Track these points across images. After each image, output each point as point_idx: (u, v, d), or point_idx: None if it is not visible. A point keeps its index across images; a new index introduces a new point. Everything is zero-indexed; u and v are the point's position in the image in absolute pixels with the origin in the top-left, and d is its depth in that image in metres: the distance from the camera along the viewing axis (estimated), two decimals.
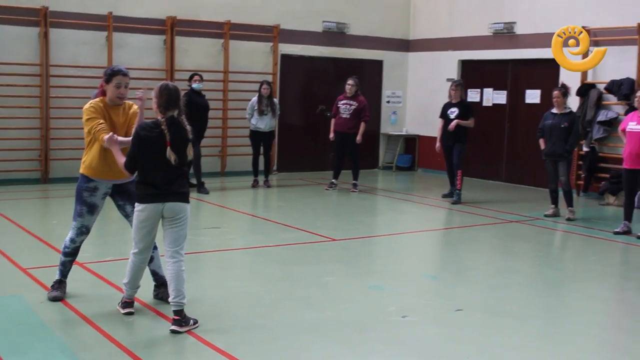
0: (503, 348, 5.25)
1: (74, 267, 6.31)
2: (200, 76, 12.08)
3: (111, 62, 12.65)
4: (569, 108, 10.61)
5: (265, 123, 12.63)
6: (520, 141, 14.31)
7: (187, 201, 5.47)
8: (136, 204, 5.44)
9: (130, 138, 5.54)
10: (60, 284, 6.09)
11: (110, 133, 5.58)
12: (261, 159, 12.96)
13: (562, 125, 10.28)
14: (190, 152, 5.46)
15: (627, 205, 9.52)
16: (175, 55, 13.36)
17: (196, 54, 13.70)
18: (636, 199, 10.05)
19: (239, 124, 13.92)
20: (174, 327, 5.32)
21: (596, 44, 12.70)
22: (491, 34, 14.52)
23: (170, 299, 5.40)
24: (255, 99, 12.67)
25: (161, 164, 5.32)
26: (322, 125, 15.26)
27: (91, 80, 12.55)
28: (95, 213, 5.96)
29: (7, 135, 12.17)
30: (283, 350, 5.06)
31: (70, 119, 12.46)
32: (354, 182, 12.78)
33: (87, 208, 5.88)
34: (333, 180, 12.88)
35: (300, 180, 14.11)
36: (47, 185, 12.35)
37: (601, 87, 12.55)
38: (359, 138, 12.54)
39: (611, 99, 12.50)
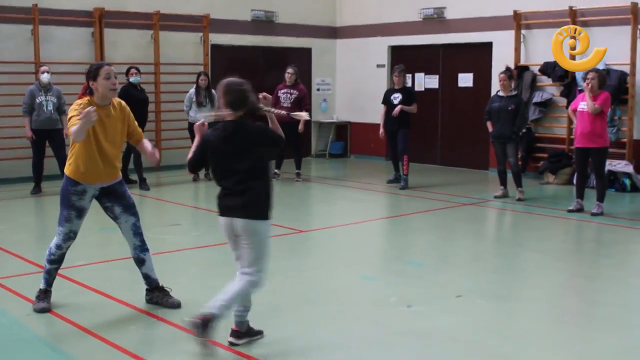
0: (523, 332, 5.27)
1: None
2: (138, 69, 11.66)
3: (38, 57, 12.08)
4: (515, 90, 10.79)
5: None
6: (454, 124, 14.50)
7: (259, 217, 4.69)
8: None
9: None
10: (45, 293, 5.72)
11: (87, 109, 4.98)
12: None
13: (510, 108, 10.43)
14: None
15: (579, 184, 9.75)
16: (104, 47, 12.85)
17: (126, 46, 13.22)
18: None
19: (173, 117, 13.55)
20: (232, 340, 4.89)
21: (527, 27, 13.00)
22: (421, 19, 14.61)
23: (234, 311, 4.86)
24: (192, 90, 12.37)
25: (228, 172, 4.71)
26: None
27: (18, 76, 11.97)
28: (83, 217, 5.61)
29: None
30: (310, 348, 4.90)
31: None
32: (297, 171, 12.66)
33: (75, 212, 5.53)
34: (276, 170, 12.69)
35: None
36: None
37: (535, 69, 12.82)
38: (301, 127, 12.39)
39: (545, 80, 12.80)
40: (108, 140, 5.45)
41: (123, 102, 5.65)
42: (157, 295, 5.80)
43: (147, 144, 5.73)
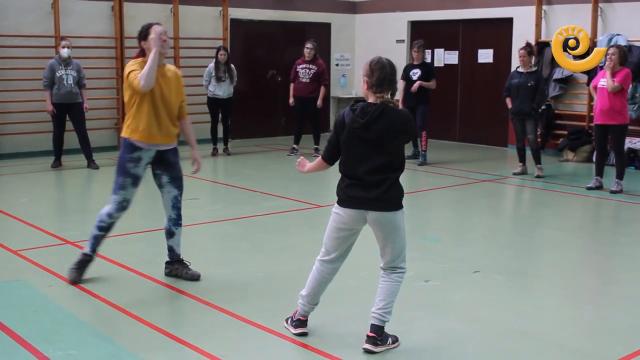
0: (539, 308, 5.28)
1: (67, 249, 6.12)
2: None
3: (58, 31, 12.11)
4: (535, 67, 10.72)
5: (223, 90, 12.38)
6: (474, 101, 14.43)
7: (394, 209, 4.38)
8: (335, 205, 4.54)
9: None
10: (85, 263, 5.71)
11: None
12: (219, 126, 12.74)
13: (529, 84, 10.37)
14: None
15: (598, 161, 9.71)
16: (124, 22, 12.86)
17: (145, 20, 12.70)
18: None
19: (191, 92, 13.52)
20: (368, 347, 4.44)
21: (548, 2, 12.88)
22: None
23: (373, 309, 4.48)
24: (212, 65, 12.39)
25: (362, 161, 4.34)
26: (273, 90, 15.08)
27: (38, 50, 12.02)
28: (138, 185, 5.66)
29: None
30: (326, 321, 4.94)
31: (17, 91, 11.94)
32: (315, 146, 12.67)
33: (131, 180, 5.58)
34: (294, 146, 12.72)
35: (257, 146, 13.91)
36: None
37: None
38: (319, 102, 12.42)
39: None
40: (163, 99, 5.51)
41: (179, 71, 5.70)
42: (177, 267, 5.86)
43: (192, 137, 5.98)
